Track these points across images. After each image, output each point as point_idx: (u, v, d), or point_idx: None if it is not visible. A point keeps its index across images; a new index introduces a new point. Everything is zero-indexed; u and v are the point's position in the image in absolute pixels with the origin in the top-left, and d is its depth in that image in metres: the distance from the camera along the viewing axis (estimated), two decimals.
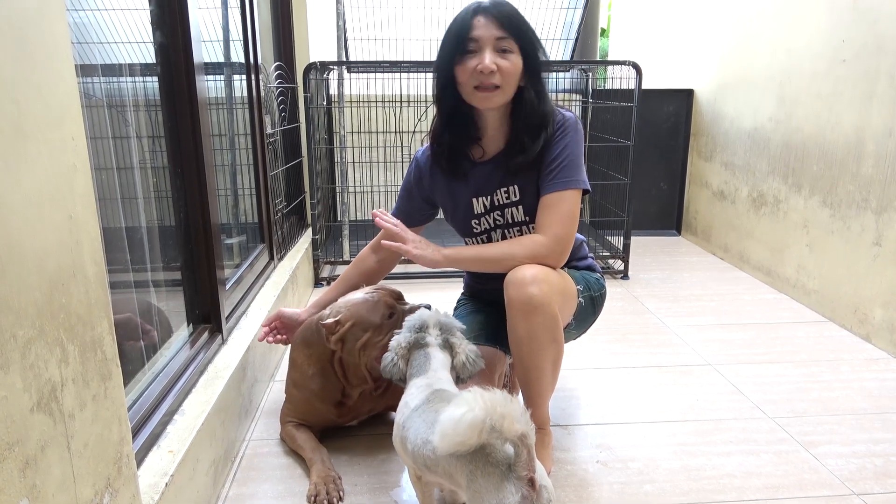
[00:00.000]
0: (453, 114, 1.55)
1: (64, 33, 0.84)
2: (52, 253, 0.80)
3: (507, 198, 1.58)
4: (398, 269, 3.08)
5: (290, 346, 1.78)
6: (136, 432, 1.22)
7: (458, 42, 1.45)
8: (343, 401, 1.68)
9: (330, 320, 1.57)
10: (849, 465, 1.62)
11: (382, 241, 1.54)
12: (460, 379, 1.36)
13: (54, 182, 0.80)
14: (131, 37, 1.52)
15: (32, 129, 0.76)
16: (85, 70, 1.33)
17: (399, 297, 1.66)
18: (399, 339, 1.36)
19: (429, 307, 1.55)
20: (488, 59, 1.43)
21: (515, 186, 1.56)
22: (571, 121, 1.54)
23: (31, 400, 0.74)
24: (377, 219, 1.54)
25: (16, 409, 0.72)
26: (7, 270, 0.71)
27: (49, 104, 0.79)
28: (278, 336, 1.79)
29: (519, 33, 1.45)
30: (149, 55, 1.56)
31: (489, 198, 1.60)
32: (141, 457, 1.19)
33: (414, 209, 1.72)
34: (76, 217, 0.86)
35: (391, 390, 1.70)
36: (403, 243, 1.49)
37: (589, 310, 1.65)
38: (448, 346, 1.35)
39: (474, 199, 1.61)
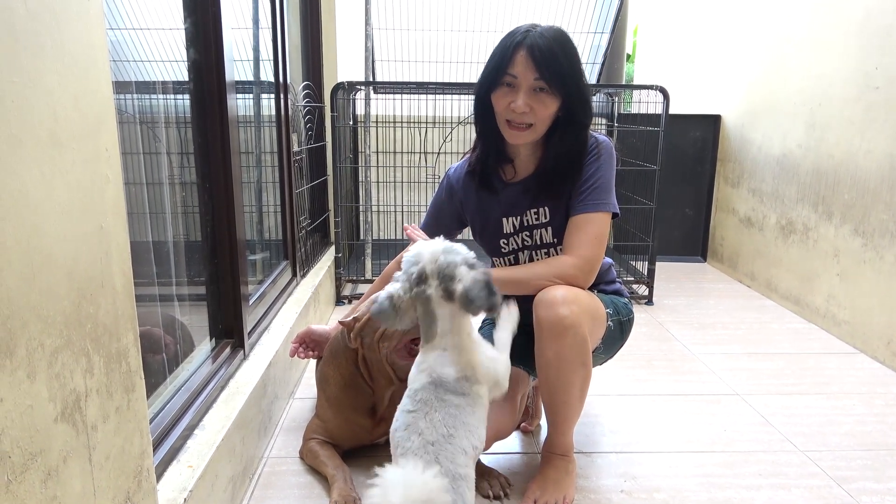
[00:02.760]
0: (487, 134, 1.55)
1: (103, 47, 0.85)
2: (82, 262, 0.80)
3: (537, 219, 1.57)
4: None
5: (315, 364, 1.78)
6: (156, 446, 1.21)
7: (498, 73, 1.44)
8: (375, 407, 1.67)
9: (348, 318, 1.60)
10: (884, 502, 1.56)
11: None
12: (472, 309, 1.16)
13: (87, 192, 0.81)
14: (164, 56, 1.54)
15: (68, 138, 0.77)
16: (119, 87, 1.35)
17: None
18: (396, 289, 1.19)
19: None
20: (521, 101, 1.42)
21: (546, 208, 1.55)
22: (605, 144, 1.54)
23: (55, 410, 0.74)
24: (409, 231, 1.53)
25: (40, 418, 0.71)
26: (38, 278, 0.71)
27: (85, 115, 0.80)
28: (309, 352, 1.80)
29: (557, 78, 1.41)
30: (180, 73, 1.58)
31: (519, 218, 1.59)
32: (160, 471, 1.19)
33: (442, 226, 1.72)
34: (107, 228, 0.86)
35: None
36: None
37: (617, 334, 1.63)
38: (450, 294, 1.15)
39: (504, 219, 1.60)
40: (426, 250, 1.19)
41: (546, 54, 1.40)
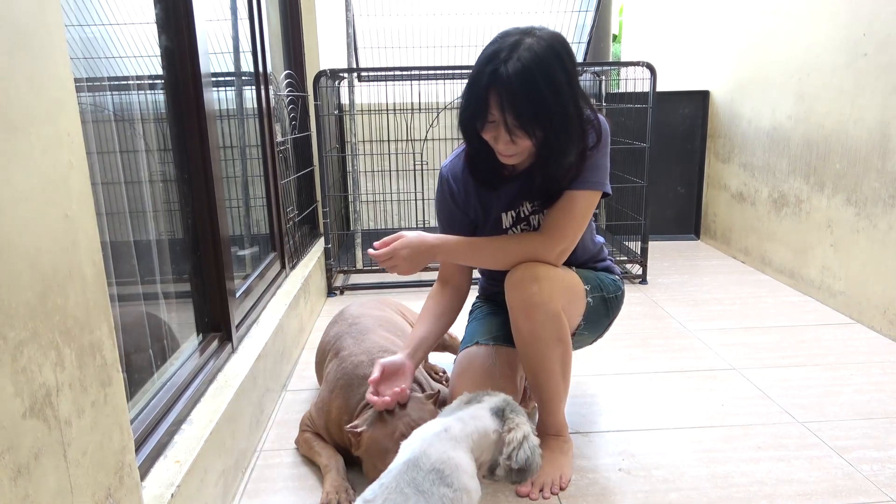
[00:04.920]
0: (479, 147, 1.46)
1: (59, 25, 0.81)
2: (47, 252, 0.77)
3: (533, 207, 1.54)
4: (411, 277, 3.04)
5: (315, 358, 1.71)
6: (141, 442, 1.18)
7: (477, 112, 1.34)
8: None
9: (357, 429, 1.41)
10: (885, 470, 1.54)
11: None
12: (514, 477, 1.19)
13: (48, 179, 0.77)
14: (136, 50, 1.50)
15: (24, 122, 0.73)
16: (93, 84, 1.31)
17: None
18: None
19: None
20: (501, 144, 1.35)
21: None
22: (602, 125, 1.48)
23: (22, 405, 0.71)
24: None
25: (6, 414, 0.68)
26: None
27: (41, 97, 0.77)
28: (395, 390, 1.43)
29: (529, 119, 1.30)
30: (155, 67, 1.53)
31: (516, 211, 1.56)
32: (147, 467, 1.16)
33: (462, 227, 1.61)
34: (72, 216, 0.83)
35: None
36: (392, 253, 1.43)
37: (601, 311, 1.60)
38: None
39: (503, 214, 1.57)
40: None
41: (516, 94, 1.28)
